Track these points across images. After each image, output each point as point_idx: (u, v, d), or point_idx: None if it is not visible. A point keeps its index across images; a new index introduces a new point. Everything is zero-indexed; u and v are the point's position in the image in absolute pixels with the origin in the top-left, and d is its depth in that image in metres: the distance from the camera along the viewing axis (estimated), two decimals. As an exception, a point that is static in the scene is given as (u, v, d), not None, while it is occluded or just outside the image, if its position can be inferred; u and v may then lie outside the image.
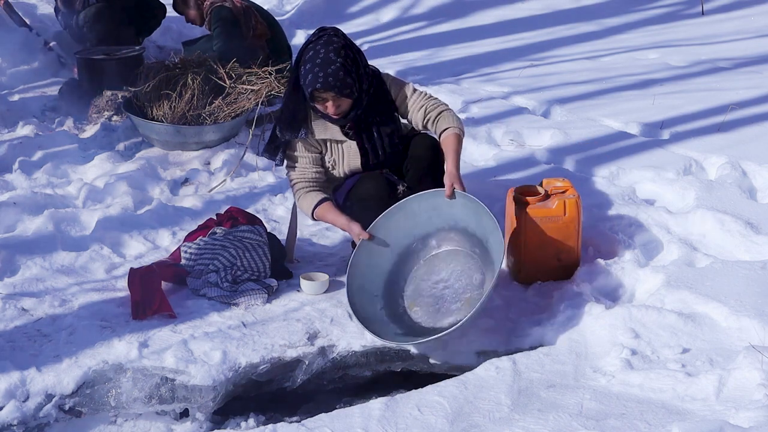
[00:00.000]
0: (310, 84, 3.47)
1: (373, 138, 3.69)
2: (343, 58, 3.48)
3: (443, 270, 3.54)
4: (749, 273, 3.54)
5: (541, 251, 3.67)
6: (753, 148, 4.84)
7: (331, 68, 3.45)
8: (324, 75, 3.44)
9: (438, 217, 3.53)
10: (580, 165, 4.87)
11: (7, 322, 3.48)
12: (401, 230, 3.56)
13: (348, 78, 3.48)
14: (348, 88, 3.49)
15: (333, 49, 3.49)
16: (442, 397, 2.99)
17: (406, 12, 9.14)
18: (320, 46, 3.50)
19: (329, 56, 3.46)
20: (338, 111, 3.55)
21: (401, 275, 3.57)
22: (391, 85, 3.72)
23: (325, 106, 3.54)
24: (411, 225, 3.56)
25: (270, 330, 3.45)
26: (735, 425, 2.67)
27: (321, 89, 3.47)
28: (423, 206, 3.53)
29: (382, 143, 3.70)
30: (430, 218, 3.54)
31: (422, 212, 3.54)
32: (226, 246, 3.82)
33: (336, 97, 3.50)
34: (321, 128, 3.68)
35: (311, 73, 3.47)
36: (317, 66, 3.46)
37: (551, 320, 3.41)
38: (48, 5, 8.60)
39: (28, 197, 4.58)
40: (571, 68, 6.91)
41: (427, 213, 3.54)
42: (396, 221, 3.55)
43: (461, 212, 3.48)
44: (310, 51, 3.52)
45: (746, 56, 6.96)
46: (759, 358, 2.94)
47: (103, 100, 6.04)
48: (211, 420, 3.22)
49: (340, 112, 3.56)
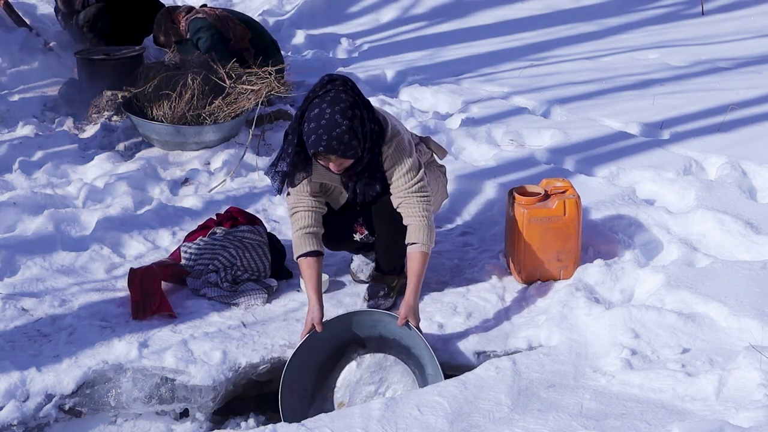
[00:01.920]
0: (312, 146, 3.24)
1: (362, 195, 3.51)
2: (350, 119, 3.24)
3: (378, 375, 3.36)
4: (749, 273, 3.54)
5: (541, 251, 3.67)
6: (753, 148, 4.84)
7: (336, 132, 3.21)
8: (328, 139, 3.21)
9: (384, 329, 3.37)
10: (580, 165, 4.86)
11: (7, 322, 3.48)
12: (346, 332, 3.39)
13: (353, 140, 3.26)
14: (352, 150, 3.27)
15: (339, 110, 3.23)
16: (442, 397, 2.99)
17: (406, 12, 9.14)
18: (326, 105, 3.24)
19: (335, 118, 3.21)
20: (340, 168, 3.36)
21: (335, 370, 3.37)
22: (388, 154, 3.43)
23: (327, 163, 3.36)
24: (357, 330, 3.40)
25: (270, 330, 3.45)
26: (735, 425, 2.67)
27: (323, 153, 3.26)
28: (375, 320, 3.39)
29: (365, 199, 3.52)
30: (374, 326, 3.39)
31: (372, 323, 3.39)
32: (226, 246, 3.82)
33: (338, 158, 3.31)
34: (320, 174, 3.50)
35: (314, 134, 3.22)
36: (321, 128, 3.21)
37: (551, 320, 3.41)
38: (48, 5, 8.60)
39: (28, 197, 4.58)
40: (571, 68, 6.91)
41: (376, 325, 3.38)
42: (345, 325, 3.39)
43: (407, 339, 3.34)
44: (315, 108, 3.26)
45: (746, 56, 6.97)
46: (759, 358, 2.94)
47: (103, 100, 6.04)
48: (211, 420, 3.22)
49: (342, 169, 3.37)
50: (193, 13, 6.15)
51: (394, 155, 3.42)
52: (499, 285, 3.75)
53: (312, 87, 3.35)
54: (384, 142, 3.41)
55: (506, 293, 3.69)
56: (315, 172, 3.47)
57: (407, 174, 3.43)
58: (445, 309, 3.57)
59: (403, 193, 3.43)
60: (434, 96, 6.27)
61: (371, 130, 3.35)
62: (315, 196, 3.52)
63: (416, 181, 3.44)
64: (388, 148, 3.41)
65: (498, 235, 4.14)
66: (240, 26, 6.17)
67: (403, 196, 3.43)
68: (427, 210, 3.42)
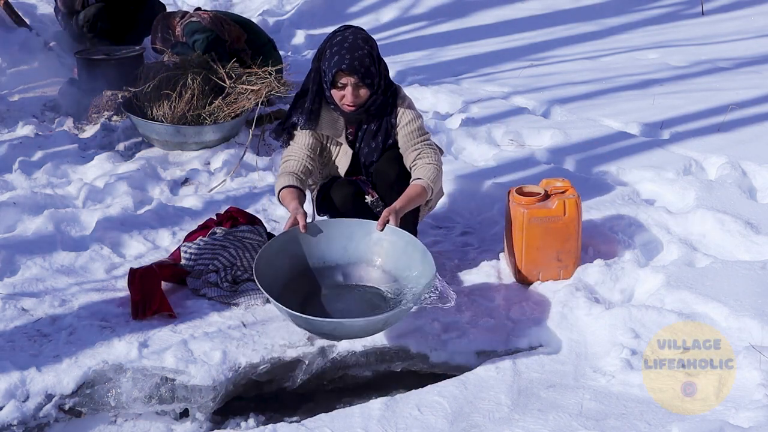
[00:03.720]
0: (335, 64, 3.45)
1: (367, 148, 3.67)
2: (370, 47, 3.52)
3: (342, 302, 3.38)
4: (749, 273, 3.54)
5: (541, 251, 3.67)
6: (753, 148, 4.84)
7: (359, 53, 3.46)
8: (351, 58, 3.44)
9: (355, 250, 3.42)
10: (580, 165, 4.86)
11: (7, 322, 3.48)
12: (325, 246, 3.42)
13: (372, 67, 3.50)
14: (370, 78, 3.50)
15: (362, 38, 3.52)
16: (442, 397, 2.99)
17: (406, 12, 9.14)
18: (349, 34, 3.52)
19: (358, 42, 3.49)
20: (355, 101, 3.52)
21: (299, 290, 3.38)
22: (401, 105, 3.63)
23: (343, 95, 3.52)
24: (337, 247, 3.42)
25: (270, 330, 3.45)
26: (735, 425, 2.67)
27: (346, 71, 3.45)
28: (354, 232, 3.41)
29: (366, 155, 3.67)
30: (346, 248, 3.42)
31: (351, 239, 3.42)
32: (226, 246, 3.82)
33: (357, 84, 3.49)
34: (328, 124, 3.66)
35: (338, 55, 3.46)
36: (345, 49, 3.46)
37: (551, 320, 3.41)
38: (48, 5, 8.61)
39: (28, 197, 4.58)
40: (571, 68, 6.91)
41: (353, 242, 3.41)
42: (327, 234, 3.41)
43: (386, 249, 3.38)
44: (338, 36, 3.52)
45: (746, 56, 6.97)
46: (759, 358, 2.94)
47: (103, 100, 6.04)
48: (211, 420, 3.22)
49: (357, 102, 3.53)
50: (187, 17, 6.17)
51: (407, 108, 3.64)
52: (499, 285, 3.75)
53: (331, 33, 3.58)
54: (398, 97, 3.65)
55: (506, 293, 3.69)
56: (323, 121, 3.61)
57: (420, 129, 3.63)
58: (445, 309, 3.56)
59: (416, 142, 3.61)
60: (434, 96, 6.27)
61: (386, 74, 3.62)
62: (311, 154, 3.64)
63: (428, 136, 3.67)
64: (401, 99, 3.66)
65: (498, 235, 4.14)
66: (235, 27, 6.18)
67: (415, 145, 3.60)
68: (438, 161, 3.60)
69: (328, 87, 3.54)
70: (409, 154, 3.62)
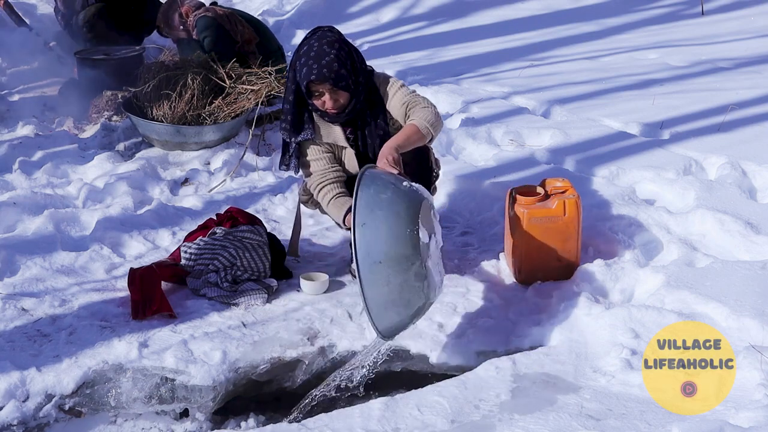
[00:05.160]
0: (305, 77, 3.48)
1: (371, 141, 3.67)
2: (337, 50, 3.50)
3: None
4: (749, 273, 3.54)
5: (541, 251, 3.67)
6: (753, 148, 4.83)
7: (325, 60, 3.46)
8: (318, 66, 3.45)
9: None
10: (580, 165, 4.86)
11: (7, 322, 3.48)
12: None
13: (342, 70, 3.49)
14: (343, 81, 3.49)
15: (326, 42, 3.51)
16: (442, 397, 2.99)
17: (406, 12, 9.14)
18: (314, 41, 3.52)
19: (323, 48, 3.48)
20: (336, 105, 3.55)
21: None
22: (380, 84, 3.68)
23: (323, 101, 3.54)
24: None
25: (270, 330, 3.45)
26: (735, 425, 2.67)
27: (316, 81, 3.47)
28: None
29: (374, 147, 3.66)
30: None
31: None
32: (226, 246, 3.82)
33: (332, 90, 3.51)
34: (325, 132, 3.68)
35: (306, 66, 3.48)
36: (311, 59, 3.47)
37: (551, 320, 3.41)
38: (48, 5, 8.61)
39: (28, 197, 4.58)
40: (571, 68, 6.90)
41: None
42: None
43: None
44: (304, 46, 3.54)
45: (746, 56, 6.96)
46: (759, 358, 2.94)
47: (103, 100, 6.05)
48: (211, 420, 3.22)
49: (338, 107, 3.55)
50: (203, 10, 6.12)
51: (382, 78, 3.66)
52: (499, 285, 3.75)
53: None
54: (374, 78, 3.66)
55: (506, 293, 3.69)
56: (319, 132, 3.63)
57: (403, 87, 3.63)
58: (445, 309, 3.57)
59: (404, 98, 3.57)
60: (434, 96, 6.26)
61: (361, 68, 3.58)
62: (333, 166, 3.69)
63: (413, 90, 3.64)
64: (377, 78, 3.66)
65: (498, 235, 4.14)
66: (248, 29, 6.13)
67: (405, 100, 3.56)
68: (432, 104, 3.54)
69: (308, 98, 3.56)
70: (399, 110, 3.59)
